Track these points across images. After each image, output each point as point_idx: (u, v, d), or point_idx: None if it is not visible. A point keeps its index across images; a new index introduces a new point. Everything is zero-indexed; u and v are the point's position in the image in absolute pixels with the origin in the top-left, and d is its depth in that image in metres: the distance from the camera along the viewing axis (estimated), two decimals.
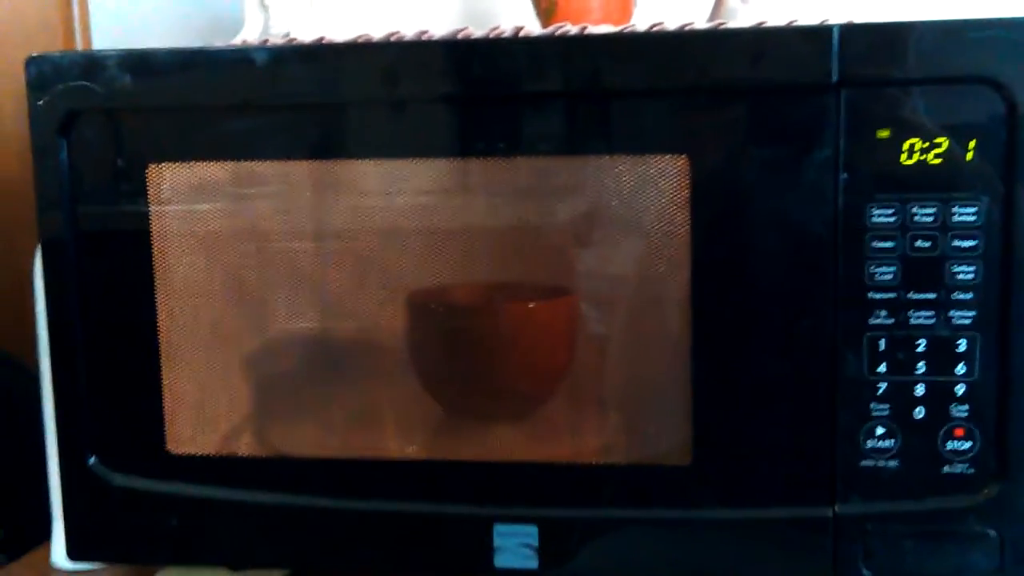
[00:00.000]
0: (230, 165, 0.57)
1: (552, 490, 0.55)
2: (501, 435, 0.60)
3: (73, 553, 0.60)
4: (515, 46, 0.54)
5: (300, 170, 0.57)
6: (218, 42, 0.63)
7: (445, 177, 0.56)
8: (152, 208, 0.57)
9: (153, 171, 0.56)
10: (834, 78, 0.50)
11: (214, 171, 0.57)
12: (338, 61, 0.54)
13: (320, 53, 0.55)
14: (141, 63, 0.55)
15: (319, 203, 0.58)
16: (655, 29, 0.55)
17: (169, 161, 0.56)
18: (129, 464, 0.58)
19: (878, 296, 0.51)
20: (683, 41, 0.52)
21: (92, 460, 0.58)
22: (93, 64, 0.56)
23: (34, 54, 0.56)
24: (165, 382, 0.58)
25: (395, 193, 0.56)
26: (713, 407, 0.53)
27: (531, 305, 0.60)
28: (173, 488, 0.58)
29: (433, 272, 0.59)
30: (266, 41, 0.58)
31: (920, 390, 0.51)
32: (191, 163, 0.56)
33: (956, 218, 0.50)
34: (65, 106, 0.56)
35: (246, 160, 0.56)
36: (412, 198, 0.56)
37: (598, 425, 0.59)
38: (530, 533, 0.55)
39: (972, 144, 0.50)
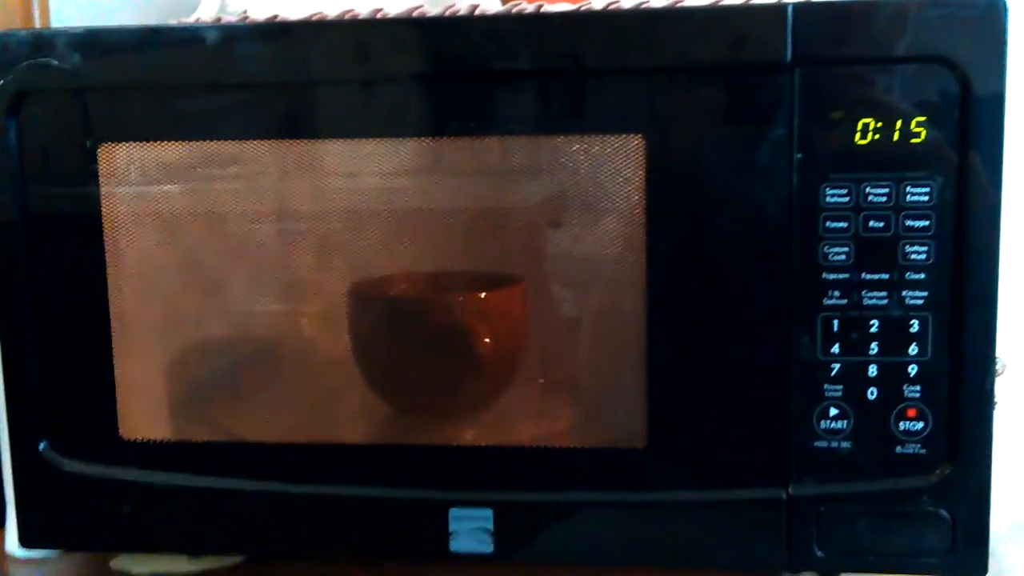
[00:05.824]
0: (184, 145, 0.56)
1: (507, 474, 0.55)
2: (457, 425, 0.59)
3: (26, 540, 0.59)
4: (482, 25, 0.53)
5: (260, 151, 0.56)
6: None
7: (409, 158, 0.55)
8: (104, 189, 0.56)
9: (105, 151, 0.55)
10: (788, 57, 0.50)
11: (168, 151, 0.56)
12: (304, 39, 0.54)
13: (287, 31, 0.54)
14: (92, 42, 0.55)
15: (281, 185, 0.57)
16: (611, 7, 0.54)
17: (121, 141, 0.55)
18: (81, 450, 0.58)
19: (831, 276, 0.51)
20: (638, 20, 0.51)
21: (43, 446, 0.58)
22: (43, 43, 0.55)
23: None
24: (117, 367, 0.57)
25: (360, 175, 0.56)
26: (668, 389, 0.53)
27: (483, 295, 0.59)
28: (126, 474, 0.57)
29: (396, 257, 0.58)
30: (219, 19, 0.57)
31: (873, 371, 0.51)
32: (144, 143, 0.56)
33: (909, 198, 0.50)
34: (14, 86, 0.55)
35: (201, 140, 0.56)
36: (378, 180, 0.56)
37: (553, 408, 0.58)
38: (486, 517, 0.55)
39: (926, 123, 0.49)
